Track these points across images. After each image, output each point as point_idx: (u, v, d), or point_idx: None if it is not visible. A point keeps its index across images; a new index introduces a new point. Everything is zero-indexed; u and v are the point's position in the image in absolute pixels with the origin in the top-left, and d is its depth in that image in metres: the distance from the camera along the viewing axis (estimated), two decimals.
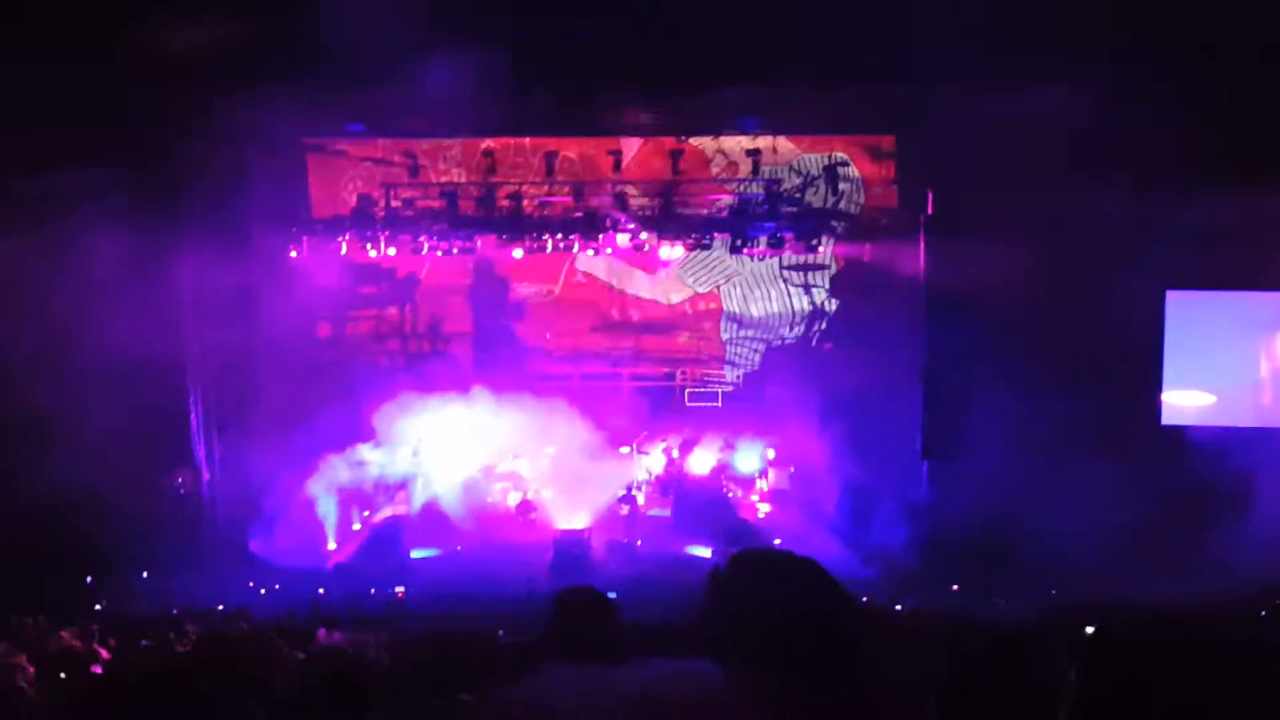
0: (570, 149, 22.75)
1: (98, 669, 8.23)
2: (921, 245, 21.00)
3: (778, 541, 20.02)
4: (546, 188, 22.82)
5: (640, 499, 21.47)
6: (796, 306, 23.59)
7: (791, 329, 23.66)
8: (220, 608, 16.94)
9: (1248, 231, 18.12)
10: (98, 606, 17.35)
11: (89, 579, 18.31)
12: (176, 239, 19.97)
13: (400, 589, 18.65)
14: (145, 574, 18.80)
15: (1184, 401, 20.77)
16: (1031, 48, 16.65)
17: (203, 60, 16.72)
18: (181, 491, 20.40)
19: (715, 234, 22.54)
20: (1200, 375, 20.79)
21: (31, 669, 7.31)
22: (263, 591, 18.50)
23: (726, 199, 22.84)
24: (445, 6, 15.98)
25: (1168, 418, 20.70)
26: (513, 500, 21.70)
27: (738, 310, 23.74)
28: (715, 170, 22.93)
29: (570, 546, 19.64)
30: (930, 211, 20.88)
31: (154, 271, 19.71)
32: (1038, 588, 17.09)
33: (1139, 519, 17.58)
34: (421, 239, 22.25)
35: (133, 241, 19.04)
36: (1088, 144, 17.95)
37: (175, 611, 16.96)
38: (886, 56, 17.06)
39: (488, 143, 22.65)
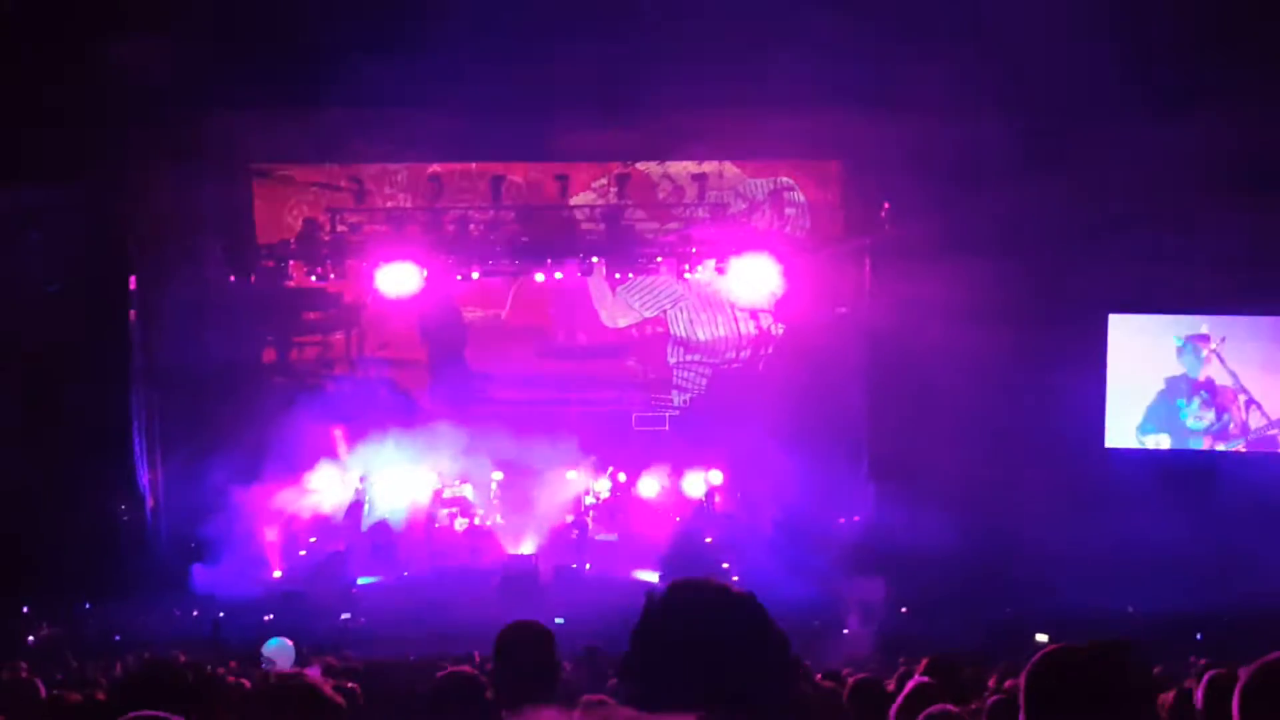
0: (517, 174, 22.74)
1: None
2: (867, 269, 21.15)
3: (725, 565, 20.05)
4: (493, 213, 22.79)
5: (588, 524, 21.43)
6: (743, 330, 23.63)
7: (738, 353, 23.70)
8: (163, 636, 16.79)
9: (1191, 254, 18.39)
10: (30, 638, 17.13)
11: (25, 608, 18.05)
12: (121, 265, 19.86)
13: (346, 615, 18.54)
14: (88, 603, 18.58)
15: (1125, 423, 20.98)
16: (972, 74, 16.85)
17: (150, 83, 16.63)
18: (125, 519, 20.19)
19: (661, 258, 22.57)
20: (1142, 397, 21.03)
21: None
22: (215, 618, 18.33)
23: (673, 224, 22.90)
24: (392, 29, 16.00)
25: (1111, 440, 20.91)
26: (460, 526, 21.61)
27: (684, 334, 23.76)
28: (661, 195, 22.98)
29: (518, 571, 19.57)
30: (876, 235, 21.04)
31: (98, 294, 19.59)
32: (985, 607, 17.22)
33: (1085, 539, 17.77)
34: (367, 264, 22.11)
35: (78, 264, 18.92)
36: (1032, 167, 18.15)
37: (117, 637, 16.82)
38: (833, 82, 17.20)
39: (434, 167, 22.60)
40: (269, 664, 11.97)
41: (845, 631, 17.12)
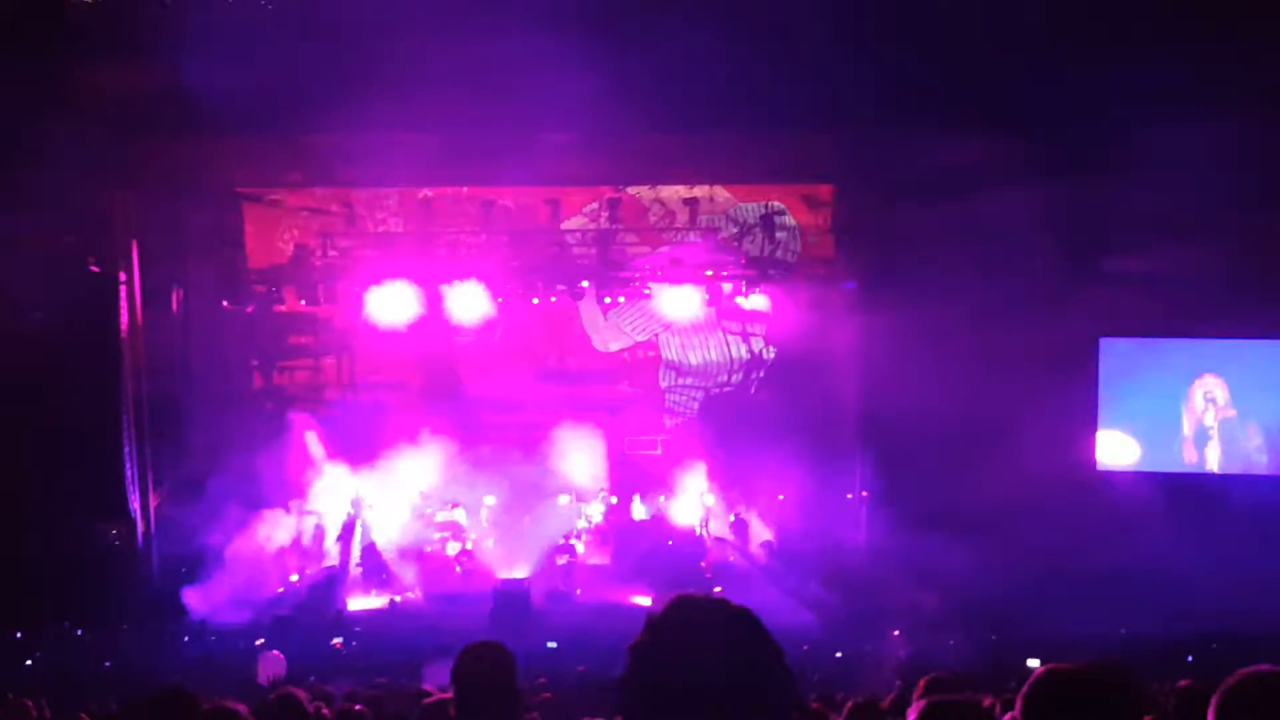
0: (508, 198, 22.77)
1: None
2: (858, 292, 21.17)
3: (718, 590, 20.00)
4: (484, 237, 22.81)
5: (580, 548, 21.38)
6: (734, 354, 23.69)
7: (730, 377, 23.74)
8: (155, 662, 16.72)
9: (1185, 277, 18.46)
10: (28, 662, 17.07)
11: (18, 634, 17.98)
12: (111, 290, 19.83)
13: (338, 640, 18.46)
14: (80, 630, 18.50)
15: (1116, 446, 21.02)
16: (966, 99, 16.90)
17: (137, 108, 16.64)
18: (116, 544, 20.12)
19: (652, 282, 22.60)
20: (1132, 420, 21.08)
21: None
22: (207, 643, 18.26)
23: (664, 248, 22.96)
24: (381, 54, 16.03)
25: (1102, 463, 20.95)
26: (452, 550, 21.55)
27: (676, 358, 23.79)
28: (652, 219, 23.03)
29: (510, 596, 19.49)
30: (867, 259, 21.07)
31: (88, 320, 19.55)
32: (976, 631, 17.19)
33: (1076, 561, 17.77)
34: (359, 288, 22.11)
35: (67, 291, 18.88)
36: (1023, 191, 18.21)
37: (108, 664, 16.76)
38: (823, 106, 17.26)
39: (425, 191, 22.62)
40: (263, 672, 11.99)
41: (838, 655, 17.03)
